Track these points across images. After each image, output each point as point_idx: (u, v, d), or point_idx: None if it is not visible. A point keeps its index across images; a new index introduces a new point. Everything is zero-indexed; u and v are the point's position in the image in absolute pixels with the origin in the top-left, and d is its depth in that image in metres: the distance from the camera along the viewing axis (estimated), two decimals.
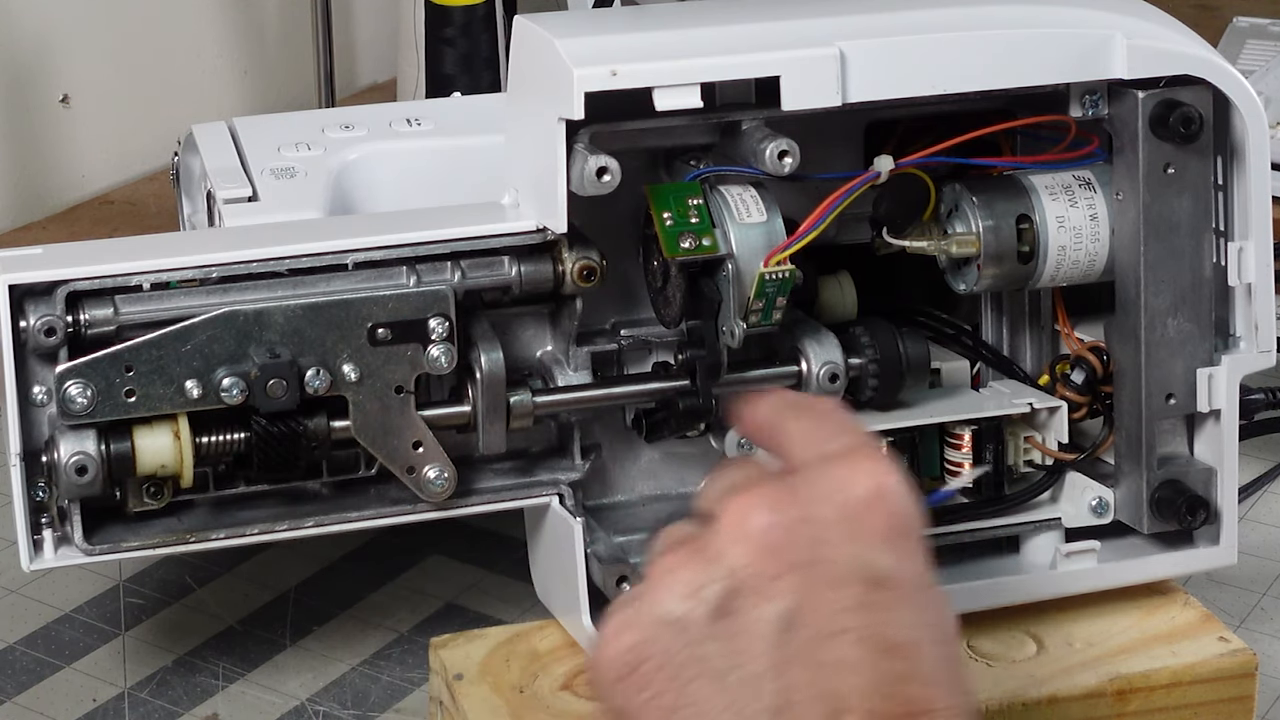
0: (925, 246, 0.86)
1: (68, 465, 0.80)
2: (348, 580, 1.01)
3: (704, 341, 0.83)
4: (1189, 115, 0.82)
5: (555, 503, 0.86)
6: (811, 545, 0.64)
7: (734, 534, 0.64)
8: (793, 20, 0.82)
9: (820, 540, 0.64)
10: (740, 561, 0.64)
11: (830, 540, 0.64)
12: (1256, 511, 1.07)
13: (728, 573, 0.64)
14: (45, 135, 1.53)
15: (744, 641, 0.63)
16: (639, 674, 0.64)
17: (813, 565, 0.64)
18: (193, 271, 0.82)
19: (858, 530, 0.65)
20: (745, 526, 0.64)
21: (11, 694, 0.92)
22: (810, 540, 0.64)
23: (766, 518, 0.64)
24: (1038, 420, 0.87)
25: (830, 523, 0.65)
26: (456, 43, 1.43)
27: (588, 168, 0.79)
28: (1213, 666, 0.84)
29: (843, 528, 0.65)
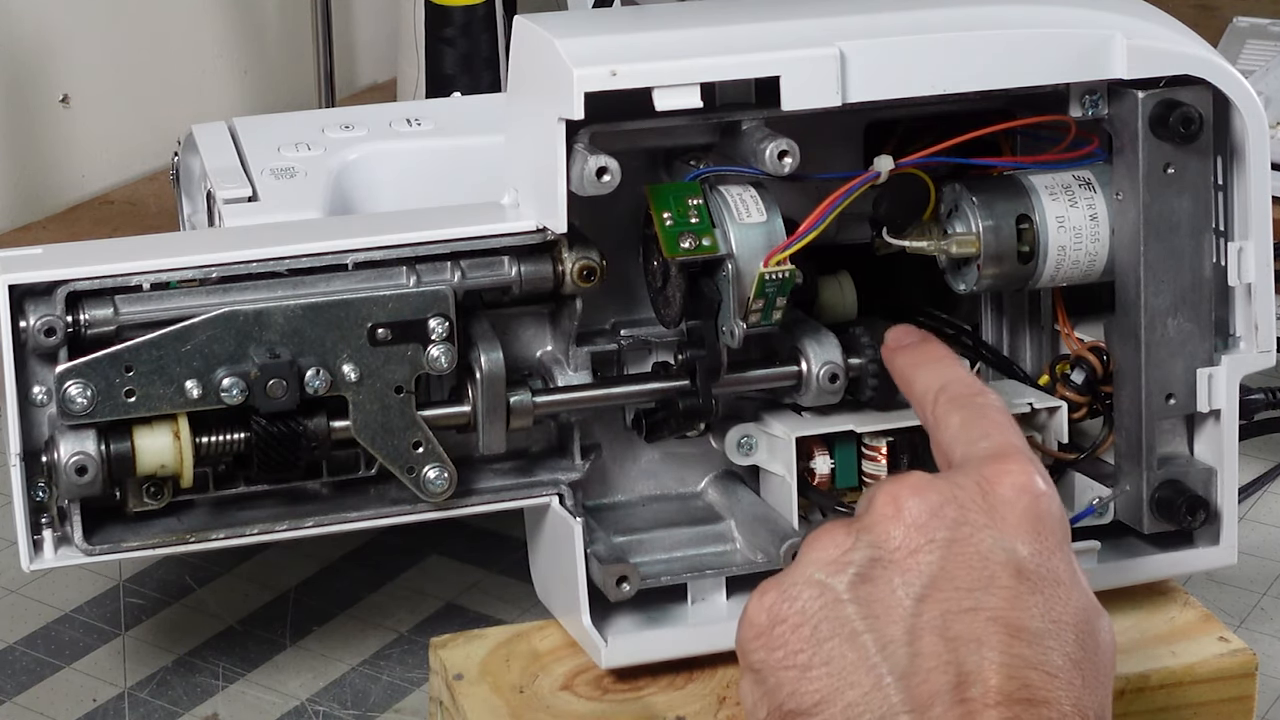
0: (925, 246, 0.86)
1: (68, 465, 0.80)
2: (348, 580, 1.01)
3: (704, 341, 0.83)
4: (1189, 115, 0.82)
5: (555, 503, 0.86)
6: (953, 526, 0.68)
7: (881, 511, 0.68)
8: (793, 20, 0.82)
9: (962, 522, 0.68)
10: (885, 535, 0.68)
11: (972, 523, 0.68)
12: (1256, 511, 1.07)
13: (872, 543, 0.68)
14: (45, 135, 1.53)
15: (881, 608, 0.67)
16: (776, 632, 0.68)
17: (952, 543, 0.67)
18: (193, 271, 0.82)
19: (1000, 520, 0.68)
20: (893, 503, 0.68)
21: (11, 694, 0.92)
22: (953, 521, 0.68)
23: (914, 499, 0.68)
24: (1038, 420, 0.87)
25: (974, 509, 0.68)
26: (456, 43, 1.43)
27: (588, 168, 0.79)
28: (1213, 666, 0.84)
29: (986, 515, 0.68)
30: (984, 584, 0.67)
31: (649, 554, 0.86)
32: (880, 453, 0.85)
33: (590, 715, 0.82)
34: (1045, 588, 0.67)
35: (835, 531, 0.69)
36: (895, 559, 0.67)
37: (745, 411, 0.87)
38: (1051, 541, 0.69)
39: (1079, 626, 0.67)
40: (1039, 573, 0.67)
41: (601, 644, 0.82)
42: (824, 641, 0.67)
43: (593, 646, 0.83)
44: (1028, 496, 0.69)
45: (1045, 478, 0.70)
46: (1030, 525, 0.68)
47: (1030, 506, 0.69)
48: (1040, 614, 0.66)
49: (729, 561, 0.86)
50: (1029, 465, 0.70)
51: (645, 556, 0.86)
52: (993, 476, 0.69)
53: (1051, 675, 0.65)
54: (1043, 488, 0.69)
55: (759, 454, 0.86)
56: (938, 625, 0.66)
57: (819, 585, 0.68)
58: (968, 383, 0.76)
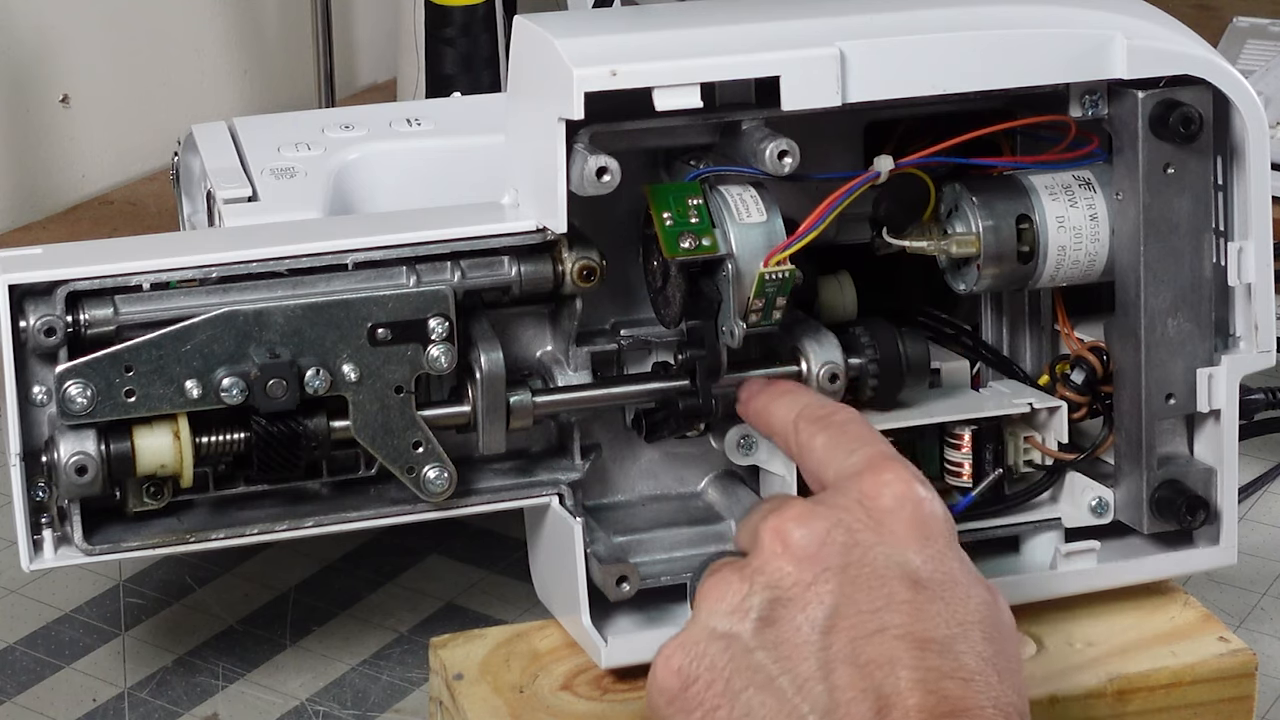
0: (925, 246, 0.86)
1: (68, 465, 0.80)
2: (348, 580, 1.01)
3: (704, 341, 0.83)
4: (1189, 115, 0.82)
5: (555, 503, 0.86)
6: (844, 550, 0.67)
7: (770, 549, 0.68)
8: (793, 20, 0.82)
9: (852, 545, 0.67)
10: (779, 574, 0.67)
11: (861, 544, 0.68)
12: (1256, 511, 1.07)
13: (768, 584, 0.67)
14: (45, 135, 1.53)
15: (789, 648, 0.66)
16: (690, 693, 0.67)
17: (846, 568, 0.67)
18: (193, 271, 0.82)
19: (887, 534, 0.68)
20: (780, 539, 0.68)
21: (11, 694, 0.92)
22: (842, 546, 0.67)
23: (800, 530, 0.68)
24: (1038, 420, 0.87)
25: (861, 528, 0.68)
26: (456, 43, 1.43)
27: (588, 168, 0.79)
28: (1213, 666, 0.84)
29: (873, 533, 0.68)
30: (885, 602, 0.66)
31: (649, 554, 0.86)
32: None
33: (590, 715, 0.82)
34: (944, 592, 0.67)
35: (729, 579, 0.68)
36: (793, 595, 0.67)
37: None
38: (941, 543, 0.68)
39: (984, 622, 0.67)
40: (935, 578, 0.67)
41: (601, 644, 0.82)
42: (739, 693, 0.66)
43: (593, 646, 0.83)
44: (910, 504, 0.69)
45: (921, 480, 0.70)
46: (918, 532, 0.68)
47: (914, 513, 0.69)
48: (944, 620, 0.66)
49: None
50: (904, 471, 0.70)
51: (645, 556, 0.86)
52: (871, 491, 0.69)
53: (967, 680, 0.65)
54: (922, 492, 0.69)
55: (759, 454, 0.86)
56: (848, 654, 0.65)
57: (724, 637, 0.67)
58: (821, 404, 0.77)
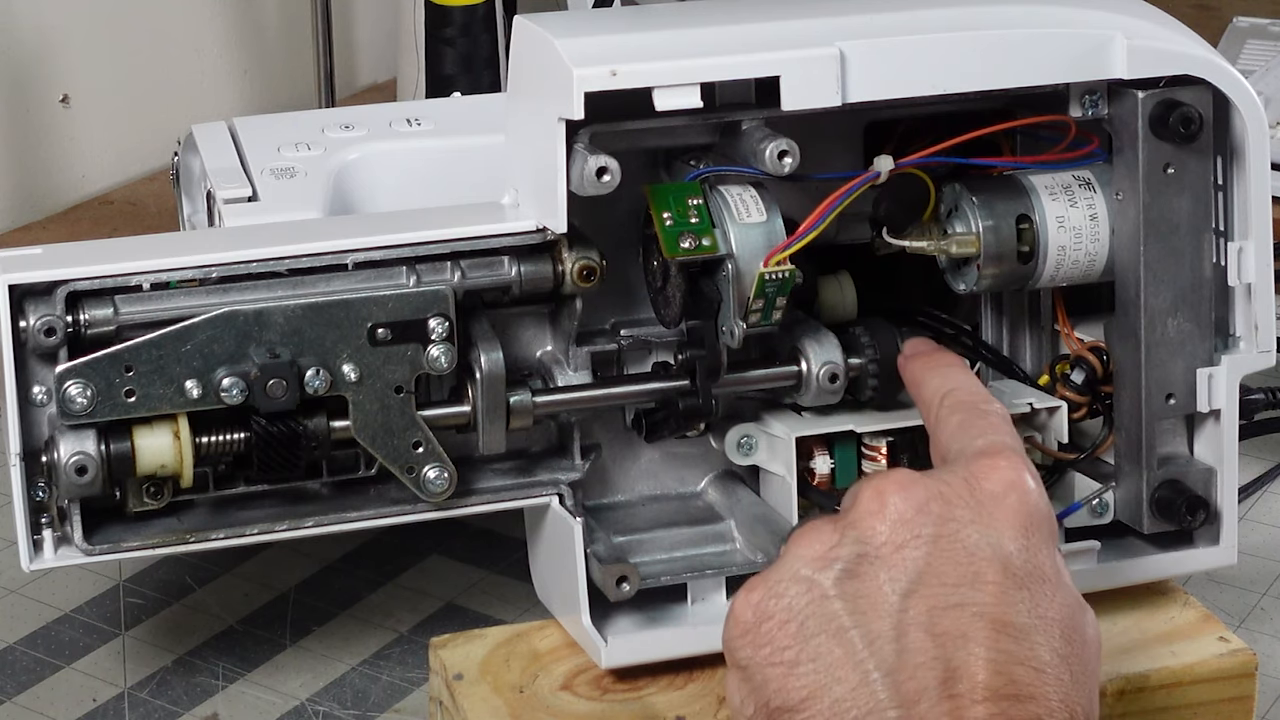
0: (925, 246, 0.86)
1: (68, 465, 0.80)
2: (348, 580, 1.01)
3: (704, 341, 0.83)
4: (1189, 115, 0.82)
5: (555, 503, 0.86)
6: (939, 521, 0.68)
7: (867, 507, 0.68)
8: (793, 20, 0.82)
9: (948, 518, 0.68)
10: (871, 531, 0.68)
11: (958, 519, 0.68)
12: (1256, 511, 1.07)
13: (858, 539, 0.68)
14: (45, 135, 1.53)
15: (868, 603, 0.67)
16: (764, 629, 0.68)
17: (938, 539, 0.67)
18: (193, 271, 0.82)
19: (987, 516, 0.68)
20: (878, 499, 0.68)
21: (11, 694, 0.92)
22: (939, 517, 0.68)
23: (900, 494, 0.68)
24: (1038, 420, 0.87)
25: (961, 504, 0.69)
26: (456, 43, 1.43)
27: (588, 168, 0.79)
28: (1213, 666, 0.84)
29: (973, 511, 0.68)
30: (970, 580, 0.67)
31: (649, 554, 0.86)
32: (880, 453, 0.85)
33: (590, 715, 0.82)
34: (1032, 584, 0.67)
35: (821, 528, 0.69)
36: (882, 555, 0.67)
37: (745, 411, 0.87)
38: (1038, 539, 0.69)
39: (1065, 623, 0.67)
40: (1026, 569, 0.67)
41: (601, 644, 0.82)
42: (810, 638, 0.67)
43: (593, 646, 0.83)
44: (1016, 493, 0.69)
45: (1035, 476, 0.70)
46: (1018, 522, 0.68)
47: (1018, 503, 0.69)
48: (1027, 610, 0.67)
49: (729, 561, 0.86)
50: (1019, 462, 0.70)
51: (645, 556, 0.86)
52: (980, 472, 0.70)
53: (1038, 671, 0.65)
54: (1031, 485, 0.70)
55: (759, 454, 0.86)
56: (924, 621, 0.66)
57: (805, 581, 0.68)
58: (974, 390, 0.77)
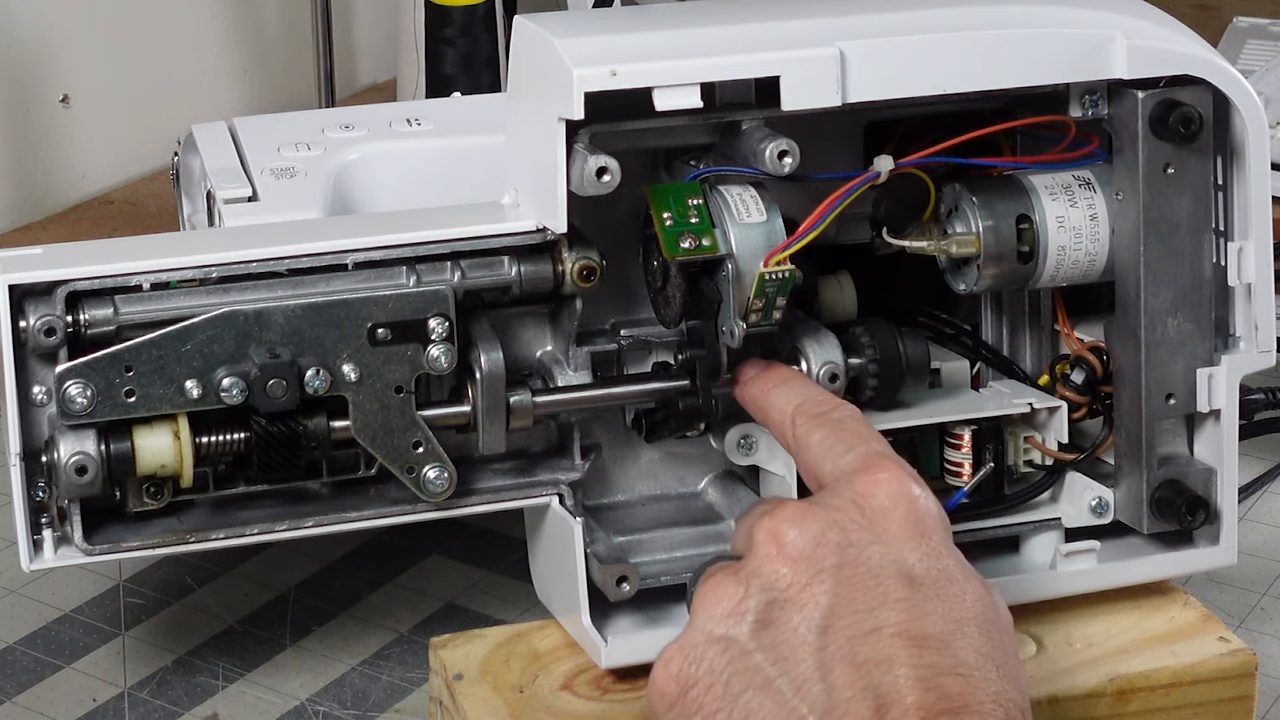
0: (925, 246, 0.86)
1: (68, 465, 0.80)
2: (348, 580, 1.01)
3: (704, 341, 0.83)
4: (1189, 115, 0.82)
5: (555, 503, 0.86)
6: (839, 550, 0.67)
7: (765, 550, 0.68)
8: (793, 20, 0.82)
9: (847, 544, 0.68)
10: (774, 575, 0.67)
11: (856, 544, 0.68)
12: (1256, 511, 1.07)
13: (764, 587, 0.67)
14: (45, 135, 1.53)
15: (787, 649, 0.66)
16: (690, 697, 0.67)
17: (841, 568, 0.67)
18: (193, 271, 0.82)
19: (881, 533, 0.68)
20: (775, 540, 0.68)
21: (11, 694, 0.92)
22: (837, 546, 0.68)
23: (794, 531, 0.68)
24: (1038, 420, 0.87)
25: (855, 528, 0.68)
26: (456, 43, 1.43)
27: (588, 168, 0.79)
28: (1213, 666, 0.84)
29: (867, 532, 0.68)
30: (880, 601, 0.66)
31: (649, 554, 0.86)
32: None
33: (590, 715, 0.82)
34: (940, 589, 0.67)
35: (724, 583, 0.68)
36: (789, 596, 0.67)
37: (745, 411, 0.87)
38: (936, 541, 0.69)
39: (980, 618, 0.67)
40: (930, 575, 0.67)
41: (601, 644, 0.82)
42: (738, 696, 0.66)
43: (593, 646, 0.83)
44: (904, 502, 0.69)
45: (916, 478, 0.70)
46: (913, 530, 0.68)
47: (908, 512, 0.69)
48: (941, 617, 0.66)
49: None
50: (899, 470, 0.70)
51: (645, 556, 0.86)
52: (865, 490, 0.69)
53: (965, 676, 0.65)
54: (916, 490, 0.69)
55: (759, 454, 0.86)
56: (845, 653, 0.65)
57: (722, 640, 0.67)
58: (820, 399, 0.77)
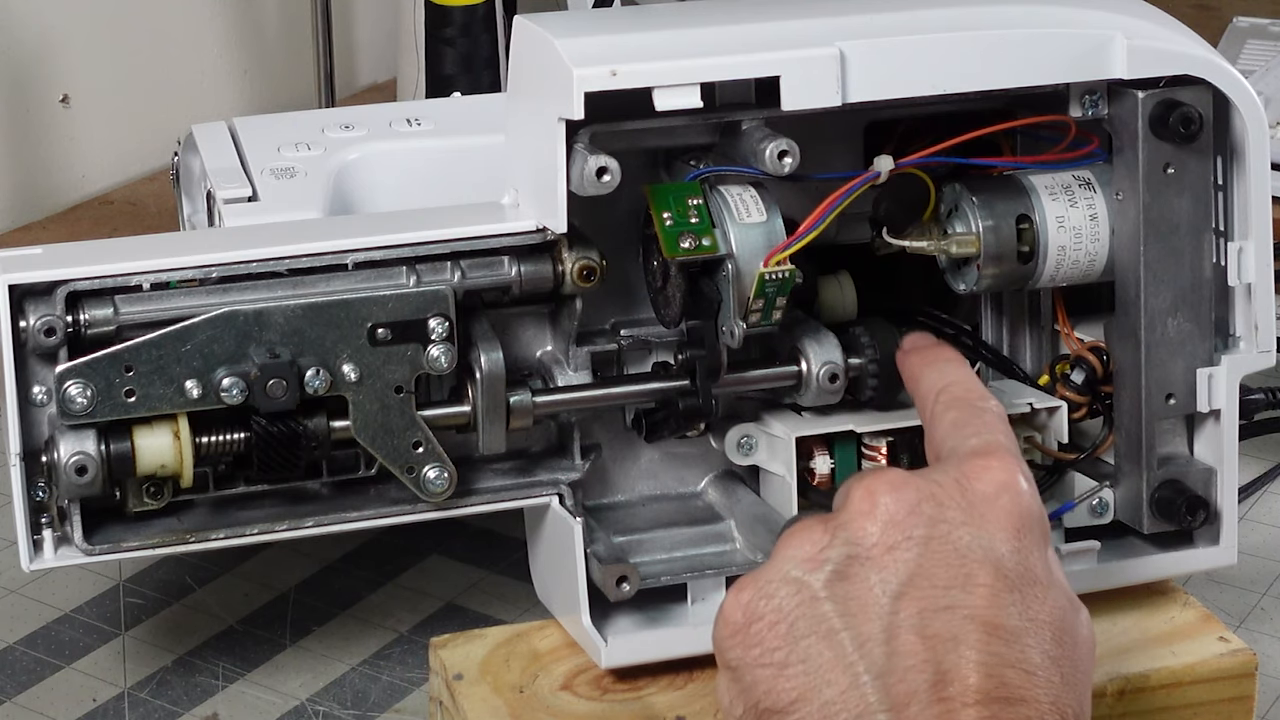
0: (925, 246, 0.86)
1: (68, 465, 0.80)
2: (348, 580, 1.01)
3: (704, 341, 0.83)
4: (1189, 115, 0.82)
5: (555, 503, 0.86)
6: (931, 523, 0.67)
7: (857, 507, 0.68)
8: (793, 20, 0.82)
9: (939, 519, 0.67)
10: (862, 532, 0.67)
11: (950, 520, 0.67)
12: (1256, 511, 1.07)
13: (849, 540, 0.67)
14: (45, 135, 1.53)
15: (858, 605, 0.66)
16: (753, 630, 0.67)
17: (929, 541, 0.67)
18: (193, 271, 0.82)
19: (979, 517, 0.68)
20: (869, 499, 0.68)
21: (11, 694, 0.92)
22: (930, 518, 0.67)
23: (891, 494, 0.68)
24: (1038, 420, 0.87)
25: (952, 505, 0.68)
26: (456, 43, 1.43)
27: (588, 168, 0.79)
28: (1213, 666, 0.84)
29: (965, 512, 0.68)
30: (961, 582, 0.66)
31: (649, 554, 0.86)
32: (880, 453, 0.85)
33: (590, 715, 0.82)
34: (1024, 586, 0.67)
35: (812, 528, 0.68)
36: (872, 556, 0.67)
37: (745, 411, 0.87)
38: (1030, 540, 0.68)
39: (1057, 625, 0.67)
40: (1017, 571, 0.67)
41: (601, 644, 0.82)
42: (800, 639, 0.66)
43: (593, 646, 0.83)
44: (1008, 494, 0.69)
45: (1028, 476, 0.70)
46: (1009, 523, 0.68)
47: (1010, 504, 0.68)
48: (1018, 612, 0.66)
49: (729, 561, 0.86)
50: (1011, 462, 0.70)
51: (645, 556, 0.86)
52: (972, 473, 0.69)
53: (1029, 673, 0.65)
54: (1024, 486, 0.69)
55: (759, 454, 0.86)
56: (915, 623, 0.65)
57: (795, 583, 0.67)
58: (970, 386, 0.76)
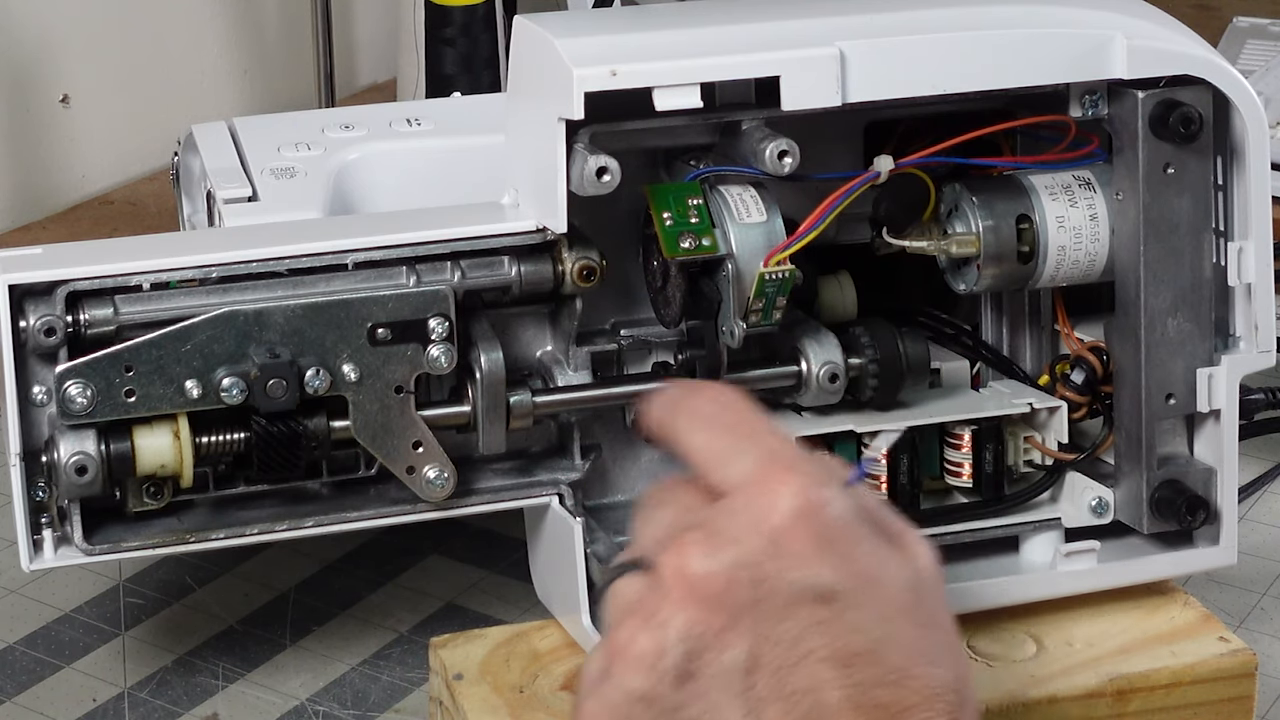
0: (925, 246, 0.86)
1: (68, 465, 0.80)
2: (348, 580, 1.01)
3: (704, 341, 0.83)
4: (1189, 115, 0.82)
5: (555, 503, 0.86)
6: (751, 584, 0.64)
7: (676, 592, 0.65)
8: (793, 20, 0.82)
9: (759, 579, 0.64)
10: (687, 621, 0.64)
11: (767, 573, 0.64)
12: (1256, 511, 1.07)
13: (679, 636, 0.64)
14: (45, 135, 1.53)
15: (715, 696, 0.64)
16: None
17: (757, 604, 0.64)
18: (193, 271, 0.82)
19: (789, 556, 0.65)
20: (684, 581, 0.64)
21: (11, 694, 0.92)
22: (748, 580, 0.64)
23: (703, 568, 0.64)
24: (1038, 420, 0.87)
25: (762, 554, 0.65)
26: (456, 43, 1.43)
27: (588, 168, 0.79)
28: (1213, 666, 0.84)
29: (775, 560, 0.65)
30: (802, 628, 0.64)
31: None
32: (880, 453, 0.85)
33: None
34: (861, 595, 0.64)
35: (637, 636, 0.65)
36: (708, 643, 0.64)
37: None
38: (846, 547, 0.65)
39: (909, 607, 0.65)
40: (848, 585, 0.64)
41: None
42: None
43: (592, 646, 0.83)
44: (805, 520, 0.65)
45: (814, 478, 0.66)
46: (821, 544, 0.65)
47: (814, 527, 0.65)
48: (866, 627, 0.64)
49: None
50: (794, 479, 0.65)
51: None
52: (766, 511, 0.65)
53: (897, 683, 0.63)
54: (816, 499, 0.65)
55: None
56: (774, 689, 0.63)
57: (645, 699, 0.64)
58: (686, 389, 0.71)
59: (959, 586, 0.85)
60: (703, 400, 0.70)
